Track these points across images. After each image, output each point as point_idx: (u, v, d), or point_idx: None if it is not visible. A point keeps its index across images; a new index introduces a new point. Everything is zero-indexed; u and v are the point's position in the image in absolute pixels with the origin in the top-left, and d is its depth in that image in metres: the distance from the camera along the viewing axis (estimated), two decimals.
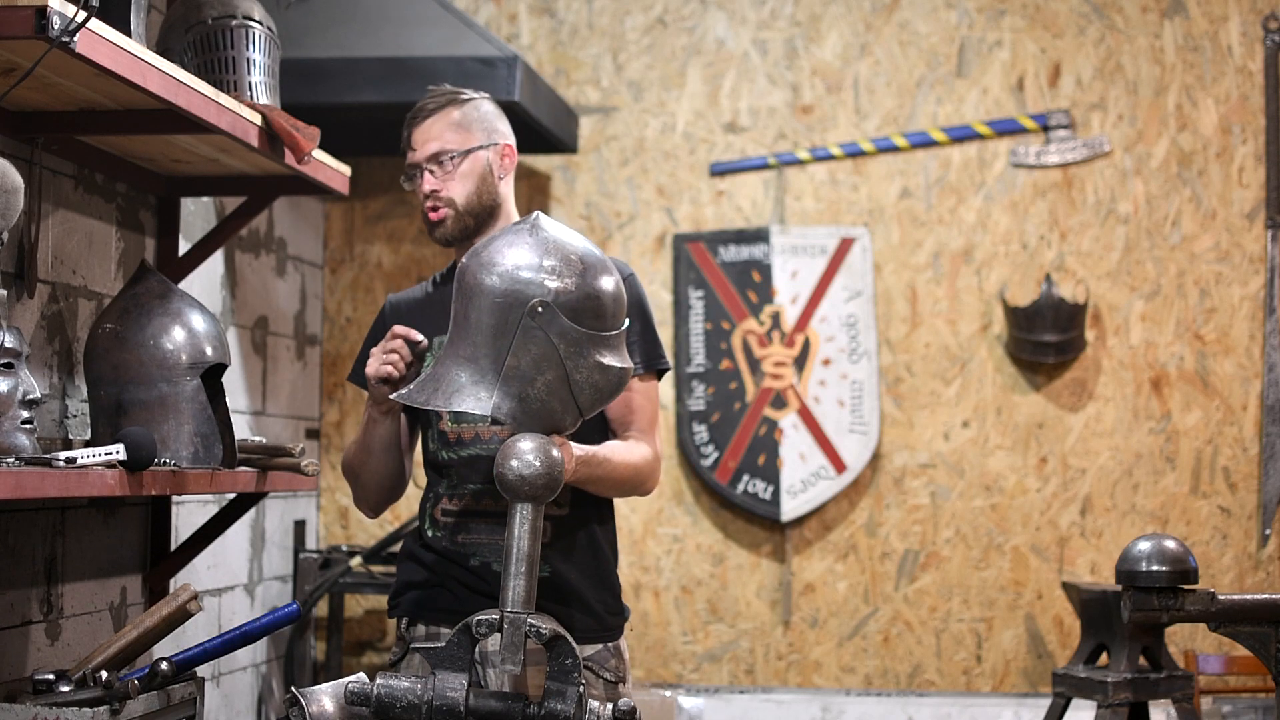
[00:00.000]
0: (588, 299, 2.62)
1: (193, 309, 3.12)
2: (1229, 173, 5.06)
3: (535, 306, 2.58)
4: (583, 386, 2.63)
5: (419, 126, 3.06)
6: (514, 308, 2.58)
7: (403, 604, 3.09)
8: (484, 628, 2.42)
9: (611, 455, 2.91)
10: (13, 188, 2.49)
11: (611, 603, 3.02)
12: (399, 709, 2.40)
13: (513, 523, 2.49)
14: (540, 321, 2.58)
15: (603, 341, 2.64)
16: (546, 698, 2.40)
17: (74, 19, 2.41)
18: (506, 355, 2.59)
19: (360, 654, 5.16)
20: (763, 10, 5.21)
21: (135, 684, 2.72)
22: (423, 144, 3.04)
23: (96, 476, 2.64)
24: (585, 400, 2.66)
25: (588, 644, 2.94)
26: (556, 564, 2.93)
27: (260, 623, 2.94)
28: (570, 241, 2.67)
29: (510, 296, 2.59)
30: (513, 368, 2.59)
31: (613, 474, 2.91)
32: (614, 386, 2.69)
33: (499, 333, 2.59)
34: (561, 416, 2.66)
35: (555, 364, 2.60)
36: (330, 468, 5.21)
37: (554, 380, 2.61)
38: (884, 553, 5.10)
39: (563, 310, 2.59)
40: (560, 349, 2.59)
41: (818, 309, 5.11)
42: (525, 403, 2.61)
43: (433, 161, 3.03)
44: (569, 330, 2.59)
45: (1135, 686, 3.90)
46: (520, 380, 2.60)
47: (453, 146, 3.04)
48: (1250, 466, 5.01)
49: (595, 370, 2.63)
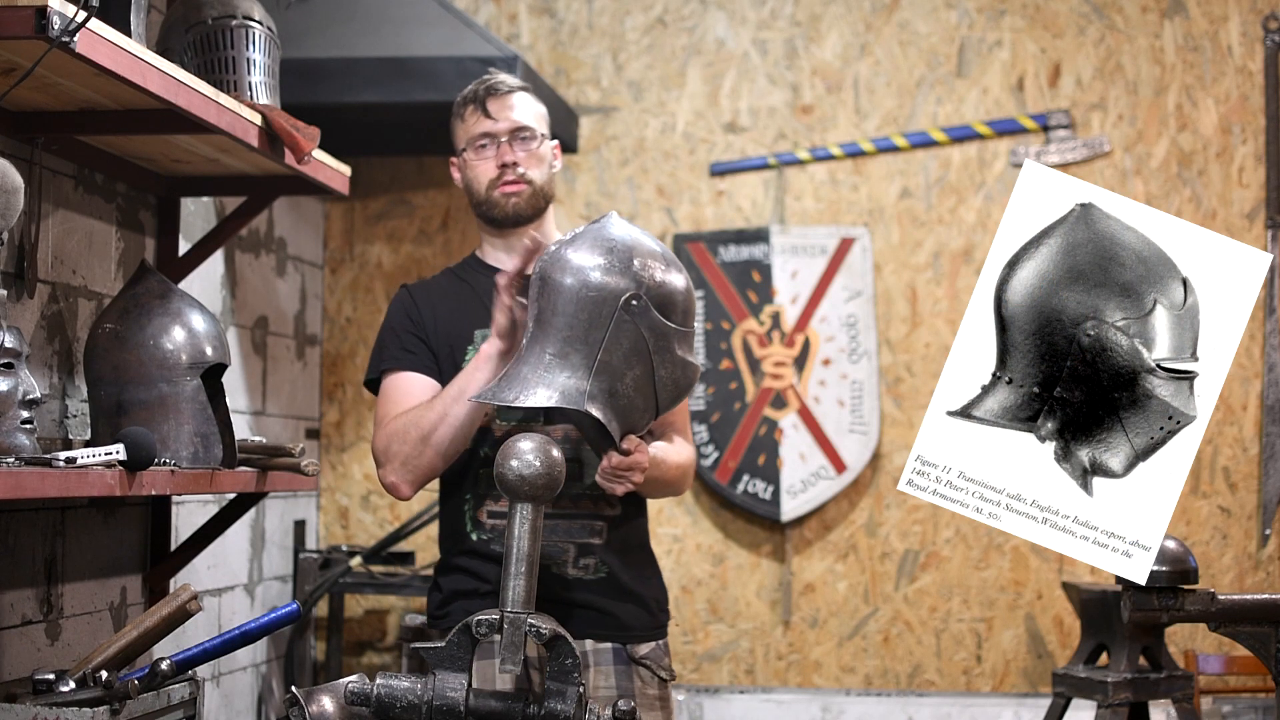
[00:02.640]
0: (673, 294, 2.68)
1: (193, 309, 3.12)
2: (1229, 173, 5.06)
3: (630, 300, 2.63)
4: (665, 383, 2.69)
5: (499, 98, 3.04)
6: (607, 301, 2.63)
7: (453, 614, 2.98)
8: (484, 628, 2.42)
9: (667, 456, 2.93)
10: (13, 188, 2.49)
11: (662, 599, 3.06)
12: (399, 709, 2.39)
13: (513, 523, 2.48)
14: (634, 314, 2.63)
15: (683, 337, 2.71)
16: (546, 698, 2.40)
17: (74, 19, 2.41)
18: (599, 350, 2.63)
19: (360, 654, 5.16)
20: (763, 10, 5.21)
21: (135, 684, 2.72)
22: (505, 116, 3.02)
23: (96, 476, 2.64)
24: (665, 397, 2.71)
25: (643, 642, 2.99)
26: (612, 564, 2.96)
27: (260, 623, 2.94)
28: (647, 240, 2.73)
29: (604, 290, 2.63)
30: (605, 362, 2.64)
31: (665, 475, 2.93)
32: (689, 383, 2.75)
33: (592, 327, 2.63)
34: (642, 414, 2.71)
35: (644, 358, 2.65)
36: (330, 468, 5.21)
37: (641, 375, 2.66)
38: (884, 553, 5.10)
39: (655, 303, 2.65)
40: (650, 343, 2.65)
41: (818, 309, 5.11)
42: (614, 398, 2.65)
43: (515, 136, 3.02)
44: (658, 324, 2.65)
45: (1135, 686, 3.90)
46: (611, 375, 2.64)
47: (536, 126, 3.05)
48: (1250, 466, 5.01)
49: (677, 366, 2.70)
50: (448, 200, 5.25)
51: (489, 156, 3.03)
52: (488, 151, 3.03)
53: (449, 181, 5.24)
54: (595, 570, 2.97)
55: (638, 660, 2.98)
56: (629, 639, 2.99)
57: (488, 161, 3.03)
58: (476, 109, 3.05)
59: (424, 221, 5.26)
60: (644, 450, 2.74)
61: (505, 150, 3.01)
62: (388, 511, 5.22)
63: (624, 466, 2.73)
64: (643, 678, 2.97)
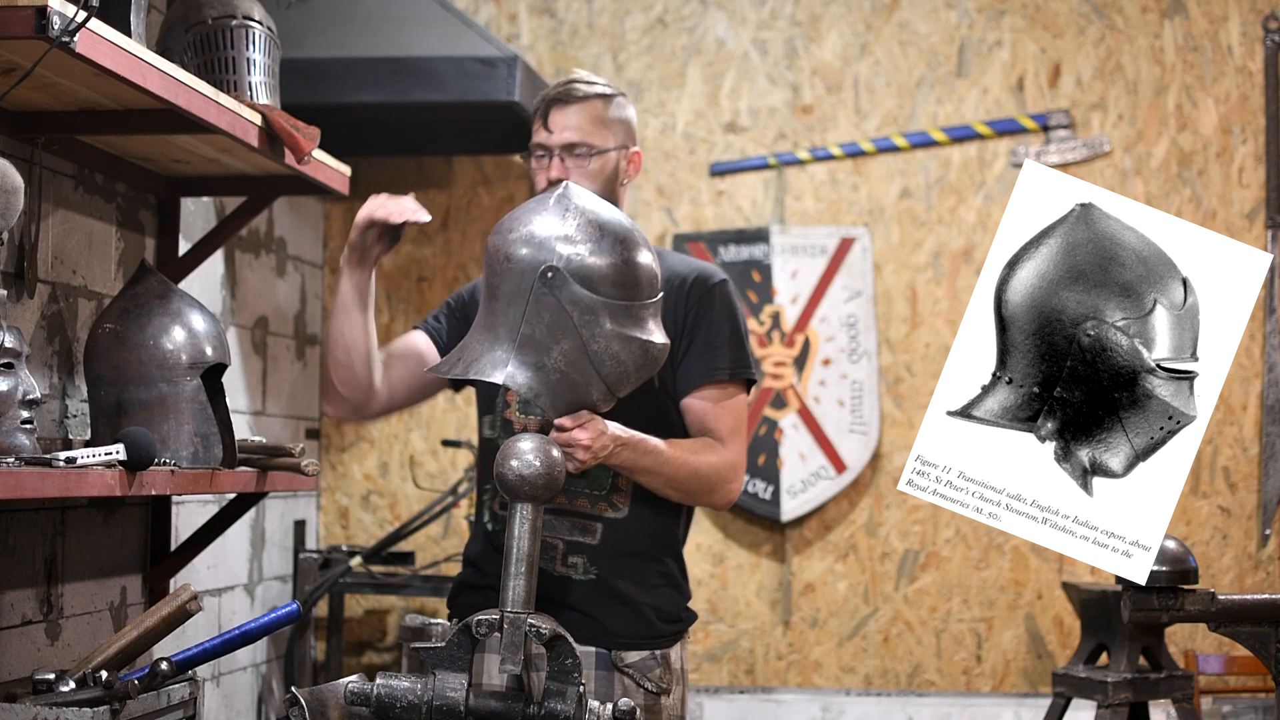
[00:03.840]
0: (605, 266, 2.60)
1: (193, 309, 3.11)
2: (1229, 173, 5.06)
3: (545, 271, 2.57)
4: (602, 358, 2.61)
5: (561, 110, 3.00)
6: (527, 274, 2.58)
7: (457, 606, 3.04)
8: (484, 628, 2.42)
9: (667, 449, 2.85)
10: (13, 188, 2.49)
11: (665, 609, 2.96)
12: (399, 709, 2.39)
13: (513, 523, 2.48)
14: (551, 287, 2.57)
15: (623, 311, 2.62)
16: (546, 698, 2.40)
17: (74, 19, 2.41)
18: (521, 323, 2.58)
19: (360, 654, 5.16)
20: (763, 10, 5.21)
21: (135, 684, 2.72)
22: (561, 129, 2.99)
23: (96, 476, 2.64)
24: (609, 373, 2.62)
25: (630, 650, 2.90)
26: (605, 567, 2.90)
27: (260, 623, 2.94)
28: (595, 210, 2.65)
29: (524, 262, 2.58)
30: (527, 336, 2.59)
31: (665, 468, 2.85)
32: (640, 360, 2.65)
33: (513, 300, 2.59)
34: (586, 390, 2.63)
35: (570, 332, 2.58)
36: (330, 468, 5.21)
37: (570, 349, 2.59)
38: (884, 553, 5.10)
39: (575, 276, 2.57)
40: (574, 316, 2.58)
41: (818, 309, 5.11)
42: (543, 372, 2.60)
43: (567, 150, 2.99)
44: (581, 297, 2.58)
45: (1135, 686, 3.90)
46: (536, 349, 2.59)
47: (591, 141, 3.00)
48: (1250, 466, 5.01)
49: (615, 340, 2.60)
50: (448, 200, 5.25)
51: (541, 168, 3.01)
52: (541, 162, 3.01)
53: (449, 181, 5.25)
54: (584, 571, 2.90)
55: (621, 668, 2.89)
56: (614, 645, 2.90)
57: (539, 173, 3.02)
58: (540, 117, 3.02)
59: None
60: (591, 428, 2.67)
61: (555, 165, 2.98)
62: (388, 511, 5.22)
63: (562, 442, 2.66)
64: (626, 687, 2.88)
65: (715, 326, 2.96)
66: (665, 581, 2.99)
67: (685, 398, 2.95)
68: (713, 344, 2.95)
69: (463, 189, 5.26)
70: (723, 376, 2.94)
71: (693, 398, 2.95)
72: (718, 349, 2.94)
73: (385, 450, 5.23)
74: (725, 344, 2.95)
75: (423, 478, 5.17)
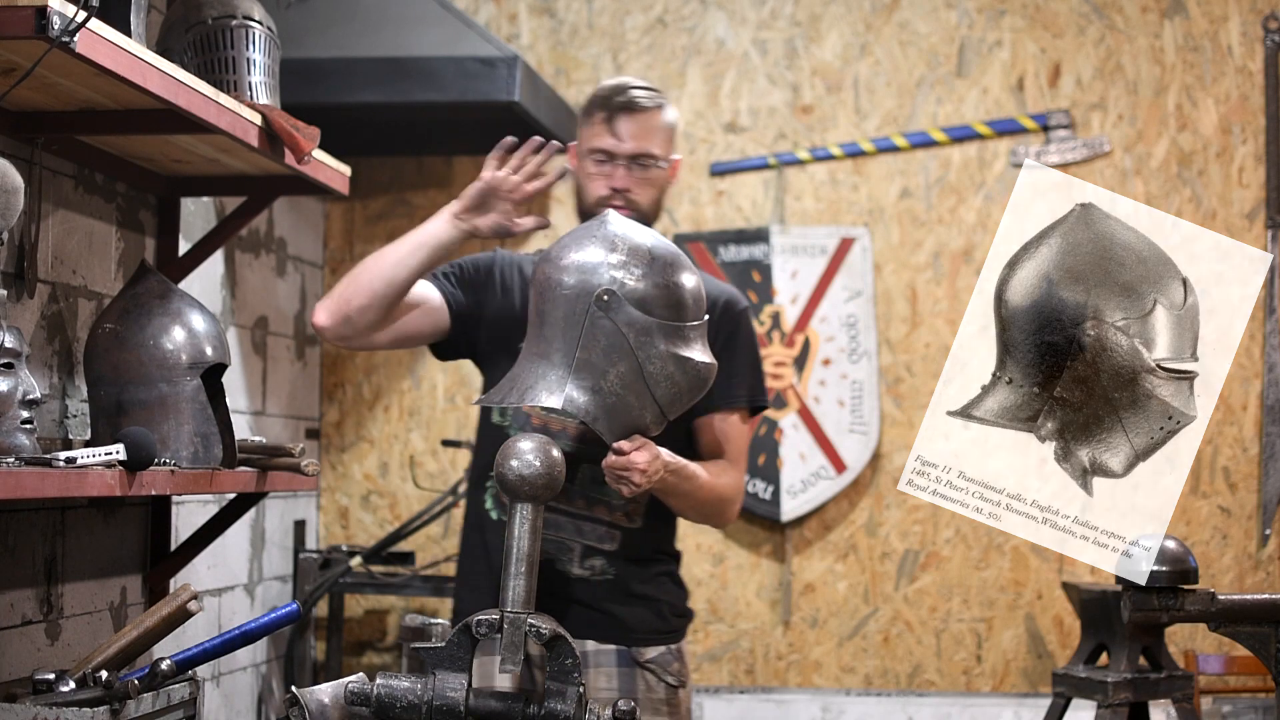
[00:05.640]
0: (657, 289, 2.64)
1: (193, 309, 3.12)
2: (1229, 173, 5.06)
3: (601, 295, 2.61)
4: (658, 379, 2.64)
5: (632, 117, 3.00)
6: (581, 298, 2.61)
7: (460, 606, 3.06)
8: (483, 628, 2.42)
9: (701, 474, 2.90)
10: (13, 188, 2.49)
11: (678, 604, 3.04)
12: (399, 709, 2.39)
13: (513, 522, 2.48)
14: (607, 310, 2.60)
15: (676, 333, 2.66)
16: (547, 698, 2.40)
17: (74, 19, 2.41)
18: (577, 348, 2.61)
19: (360, 654, 5.16)
20: (763, 10, 5.21)
21: (135, 684, 2.72)
22: (632, 138, 3.00)
23: (96, 476, 2.64)
24: (663, 394, 2.66)
25: (651, 646, 2.98)
26: (623, 569, 2.96)
27: (260, 623, 2.94)
28: (638, 237, 2.69)
29: (578, 288, 2.62)
30: (584, 360, 2.62)
31: (697, 492, 2.91)
32: (693, 382, 2.69)
33: (569, 325, 2.62)
34: (640, 413, 2.67)
35: (626, 354, 2.62)
36: (330, 468, 5.21)
37: (627, 372, 2.62)
38: (884, 553, 5.10)
39: (630, 299, 2.61)
40: (630, 338, 2.61)
41: (818, 309, 5.11)
42: (600, 396, 2.63)
43: (635, 161, 3.00)
44: (637, 319, 2.61)
45: (1135, 686, 3.90)
46: (592, 373, 2.62)
47: (659, 152, 3.02)
48: (1250, 466, 5.01)
49: (670, 362, 2.64)
50: (447, 200, 5.22)
51: (604, 174, 3.01)
52: (604, 169, 3.01)
53: (449, 181, 5.25)
54: (602, 572, 2.97)
55: (643, 664, 2.98)
56: (634, 642, 2.98)
57: (601, 180, 3.01)
58: (605, 122, 3.01)
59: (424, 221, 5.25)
60: (647, 453, 2.72)
61: (621, 174, 2.99)
62: (388, 511, 5.22)
63: (619, 466, 2.72)
64: (648, 682, 2.97)
65: (740, 353, 3.03)
66: (674, 577, 3.08)
67: (701, 416, 3.00)
68: (735, 370, 3.00)
69: (463, 189, 5.23)
70: (741, 403, 3.02)
71: (710, 418, 3.01)
72: (739, 375, 3.01)
73: (385, 450, 5.23)
74: (747, 370, 3.03)
75: (423, 478, 5.17)
